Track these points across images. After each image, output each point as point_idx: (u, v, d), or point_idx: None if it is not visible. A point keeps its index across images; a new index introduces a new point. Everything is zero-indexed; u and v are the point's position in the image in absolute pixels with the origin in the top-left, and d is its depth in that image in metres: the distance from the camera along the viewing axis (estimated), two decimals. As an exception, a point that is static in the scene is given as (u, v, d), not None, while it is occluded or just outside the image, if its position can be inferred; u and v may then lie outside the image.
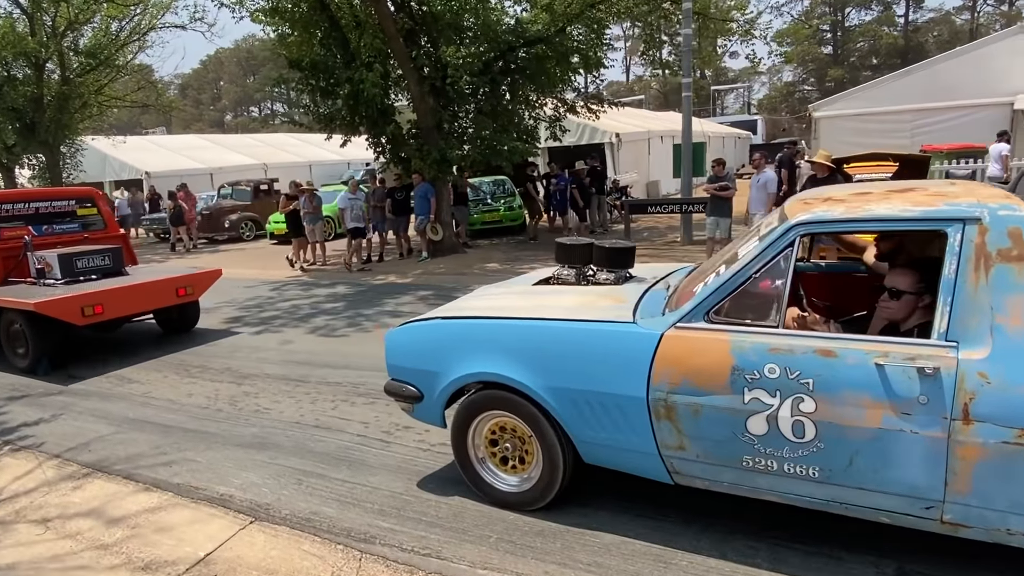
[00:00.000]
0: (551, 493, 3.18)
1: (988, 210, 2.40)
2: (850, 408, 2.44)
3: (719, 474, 2.80)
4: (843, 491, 2.57)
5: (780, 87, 53.76)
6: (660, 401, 2.77)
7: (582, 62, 13.61)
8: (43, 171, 20.09)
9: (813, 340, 2.56)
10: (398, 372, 3.55)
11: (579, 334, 3.01)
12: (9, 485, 4.01)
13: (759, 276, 2.72)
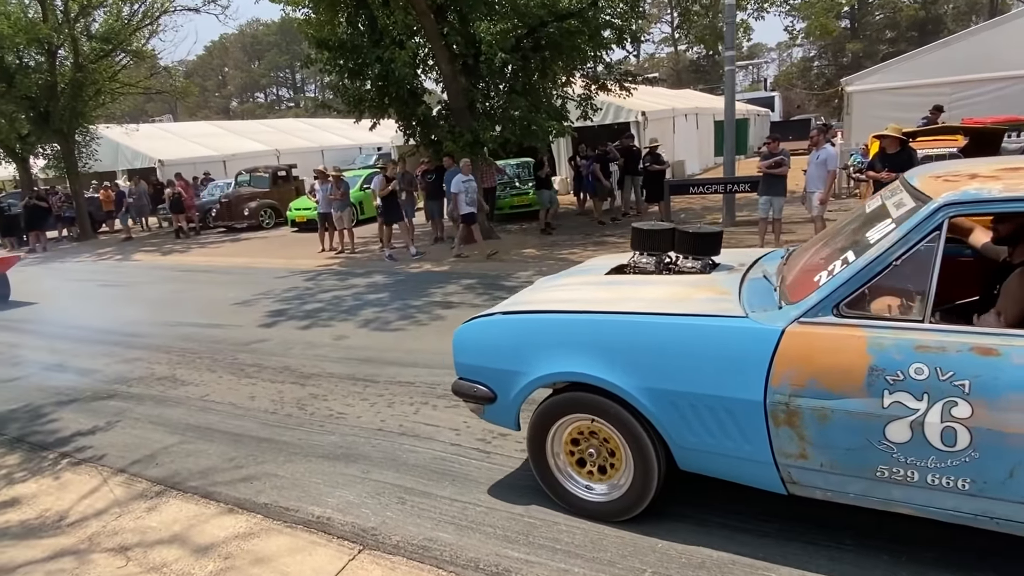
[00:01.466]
0: (644, 502, 2.92)
1: None
2: (1016, 413, 2.14)
3: (846, 485, 2.52)
4: (998, 505, 2.28)
5: (797, 63, 52.64)
6: (780, 405, 2.49)
7: (615, 36, 13.05)
8: (58, 160, 19.69)
9: (970, 336, 2.26)
10: (468, 371, 3.29)
11: (682, 330, 2.72)
12: (76, 506, 3.65)
13: (900, 264, 2.39)
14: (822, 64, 50.34)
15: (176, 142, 26.51)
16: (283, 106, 73.51)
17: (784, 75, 52.54)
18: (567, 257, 10.09)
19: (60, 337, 7.55)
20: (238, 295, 9.18)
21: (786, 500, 2.74)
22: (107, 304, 9.36)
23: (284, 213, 17.61)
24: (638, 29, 13.03)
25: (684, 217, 13.46)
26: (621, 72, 13.83)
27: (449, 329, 6.48)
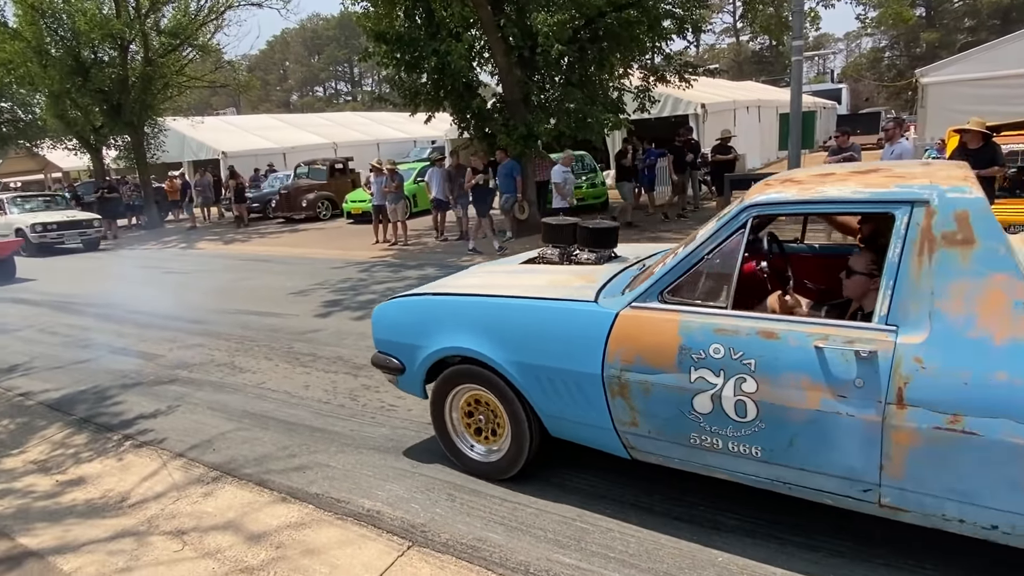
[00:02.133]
0: (518, 464, 3.31)
1: (938, 192, 2.33)
2: (790, 390, 2.44)
3: (670, 450, 2.86)
4: (786, 471, 2.58)
5: (867, 53, 50.36)
6: (614, 378, 2.84)
7: (675, 26, 12.69)
8: (128, 151, 20.57)
9: (757, 321, 2.57)
10: (383, 345, 3.73)
11: (541, 312, 3.12)
12: (137, 487, 3.75)
13: (712, 257, 2.73)
14: (894, 55, 48.02)
15: (238, 134, 27.35)
16: (341, 100, 75.03)
17: (852, 66, 50.37)
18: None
19: (127, 322, 7.85)
20: (295, 285, 9.37)
21: (860, 517, 2.56)
22: (171, 291, 9.70)
23: (340, 205, 17.93)
24: (699, 18, 12.63)
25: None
26: (681, 63, 13.45)
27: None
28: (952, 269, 2.24)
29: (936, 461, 2.24)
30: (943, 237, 2.27)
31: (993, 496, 2.18)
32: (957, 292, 2.23)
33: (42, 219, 15.51)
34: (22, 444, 4.55)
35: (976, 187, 2.36)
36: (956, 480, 2.22)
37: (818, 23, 15.32)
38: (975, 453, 2.16)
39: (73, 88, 18.07)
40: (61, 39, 17.65)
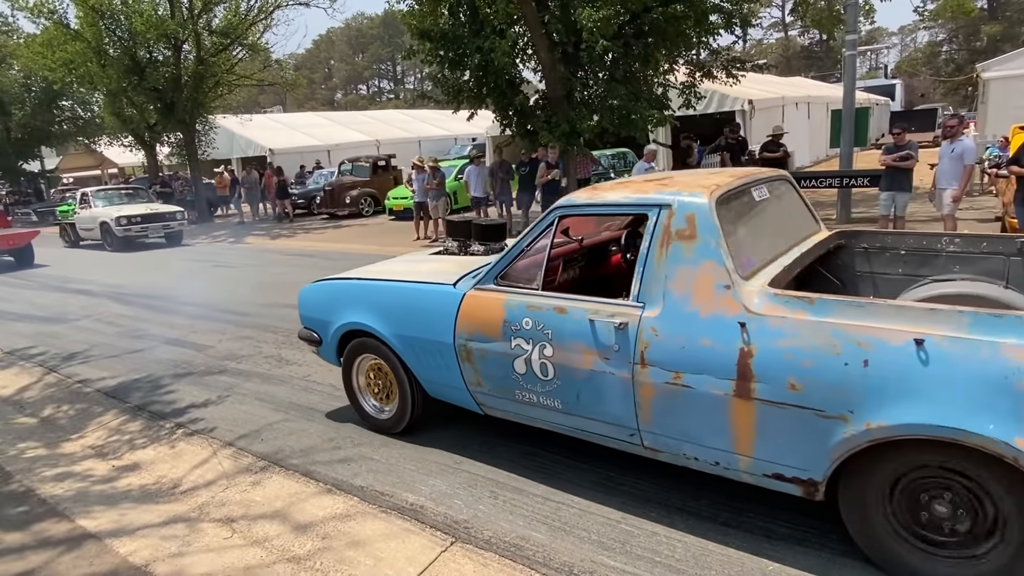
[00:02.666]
0: (404, 421, 3.99)
1: (678, 198, 2.86)
2: (574, 354, 3.02)
3: (505, 405, 3.47)
4: (578, 420, 3.17)
5: (923, 47, 48.49)
6: (462, 346, 3.46)
7: (723, 21, 12.43)
8: (180, 148, 21.23)
9: (553, 300, 3.16)
10: (306, 321, 4.40)
11: (414, 293, 3.78)
12: (188, 475, 3.85)
13: (529, 249, 3.35)
14: (952, 49, 46.14)
15: (285, 132, 27.97)
16: (384, 97, 75.97)
17: (907, 61, 48.57)
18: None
19: (178, 313, 8.09)
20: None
21: (921, 531, 2.44)
22: (220, 284, 9.96)
23: (383, 201, 18.15)
24: (748, 13, 12.35)
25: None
26: (728, 58, 13.17)
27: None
28: (680, 258, 2.79)
29: (669, 409, 2.80)
30: (676, 233, 2.82)
31: (707, 437, 2.73)
32: (681, 276, 2.77)
33: (126, 212, 15.15)
34: (81, 429, 4.72)
35: (711, 193, 2.81)
36: (684, 424, 2.78)
37: (872, 16, 14.78)
38: (692, 402, 2.71)
39: (129, 87, 18.74)
40: (119, 39, 18.31)
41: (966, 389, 2.16)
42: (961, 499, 2.31)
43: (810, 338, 2.44)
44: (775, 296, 2.59)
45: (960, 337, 2.21)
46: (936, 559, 2.38)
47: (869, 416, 2.30)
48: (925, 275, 3.59)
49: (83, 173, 38.29)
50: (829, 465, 2.44)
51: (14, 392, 5.69)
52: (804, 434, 2.47)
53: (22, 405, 5.36)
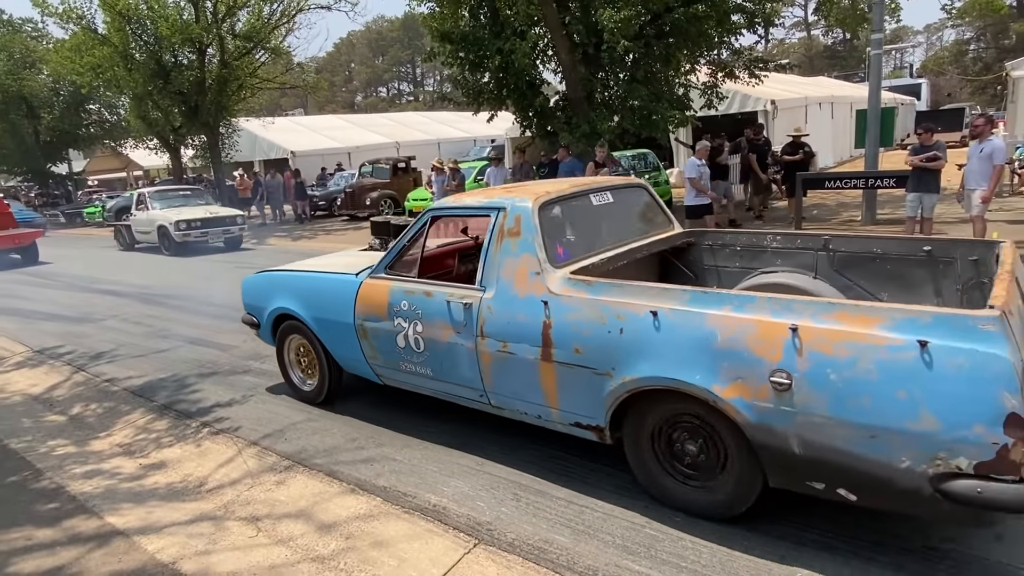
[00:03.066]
0: (323, 392, 4.68)
1: (511, 203, 3.50)
2: (437, 329, 3.66)
3: (395, 375, 4.13)
4: (445, 385, 3.80)
5: (949, 46, 47.59)
6: (360, 326, 4.12)
7: (746, 21, 12.31)
8: (204, 151, 21.53)
9: (423, 285, 3.81)
10: (247, 307, 5.14)
11: (326, 282, 4.47)
12: (214, 473, 3.89)
13: (410, 244, 4.03)
14: (980, 47, 45.21)
15: (306, 134, 28.22)
16: (403, 100, 76.39)
17: (933, 60, 47.71)
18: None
19: (203, 314, 8.19)
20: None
21: (951, 539, 2.40)
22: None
23: (403, 203, 18.24)
24: (771, 12, 12.21)
25: (816, 213, 12.53)
26: (750, 58, 13.04)
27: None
28: (508, 251, 3.43)
29: (502, 372, 3.41)
30: (507, 231, 3.46)
31: (528, 394, 3.35)
32: (509, 265, 3.40)
33: (186, 216, 14.37)
34: (109, 428, 4.80)
35: (536, 199, 3.46)
36: (513, 385, 3.40)
37: (898, 15, 14.53)
38: (516, 366, 3.33)
39: (155, 90, 19.06)
40: (145, 44, 18.64)
41: (683, 349, 2.76)
42: (702, 439, 2.91)
43: (587, 312, 3.07)
44: (569, 280, 3.22)
45: (681, 309, 2.80)
46: (689, 487, 3.01)
47: (624, 372, 2.92)
48: (756, 268, 4.20)
49: (109, 175, 39.01)
50: (605, 413, 3.06)
51: (44, 390, 5.80)
52: (587, 388, 3.09)
53: (52, 403, 5.46)
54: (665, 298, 2.87)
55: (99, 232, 22.96)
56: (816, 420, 2.47)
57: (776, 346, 2.52)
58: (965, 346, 2.22)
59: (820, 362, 2.44)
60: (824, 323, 2.47)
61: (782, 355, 2.51)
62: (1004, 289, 2.47)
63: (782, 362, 2.50)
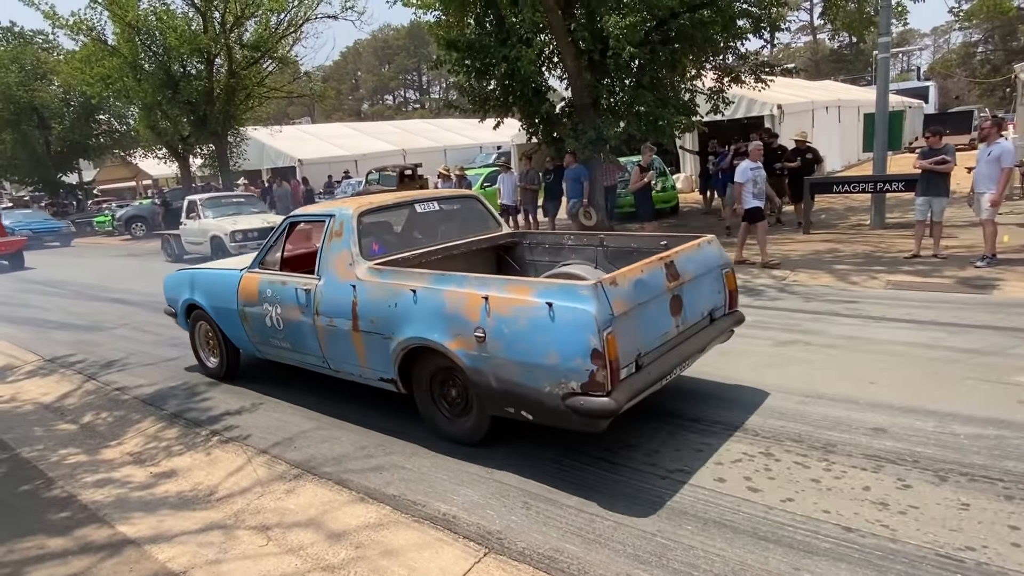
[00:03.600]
0: (223, 369, 5.76)
1: (339, 210, 4.59)
2: (290, 311, 4.71)
3: (268, 350, 5.19)
4: (300, 355, 4.87)
5: (956, 48, 47.39)
6: (241, 311, 5.17)
7: (751, 25, 12.30)
8: (212, 160, 21.68)
9: (281, 276, 4.87)
10: (167, 301, 6.25)
11: (218, 276, 5.58)
12: (224, 482, 3.90)
13: (273, 244, 5.08)
14: (987, 49, 45.02)
15: (313, 143, 28.38)
16: (409, 107, 76.73)
17: (941, 62, 47.52)
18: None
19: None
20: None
21: (973, 547, 2.37)
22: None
23: (409, 210, 18.27)
24: (777, 17, 12.18)
25: (824, 218, 12.49)
26: (756, 63, 13.02)
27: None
28: (335, 247, 4.45)
29: (332, 342, 4.44)
30: (334, 232, 4.49)
31: (350, 358, 4.38)
32: (334, 258, 4.42)
33: (241, 226, 13.33)
34: (119, 436, 4.83)
35: (357, 207, 4.53)
36: (340, 352, 4.43)
37: (905, 18, 14.48)
38: (339, 336, 4.35)
39: (164, 100, 19.23)
40: (154, 54, 18.82)
41: (429, 316, 3.78)
42: (456, 384, 3.91)
43: (378, 292, 4.09)
44: (370, 269, 4.23)
45: (428, 287, 3.81)
46: (451, 421, 4.04)
47: (399, 335, 3.94)
48: (559, 261, 5.21)
49: (119, 184, 39.31)
50: (393, 368, 4.07)
51: (55, 399, 5.84)
52: (382, 350, 4.10)
53: (63, 412, 5.50)
54: (420, 280, 3.90)
55: (109, 241, 23.14)
56: (500, 362, 3.47)
57: (477, 310, 3.53)
58: (571, 305, 3.23)
59: (499, 320, 3.45)
60: (503, 293, 3.49)
61: (480, 316, 3.52)
62: (628, 270, 3.56)
63: (480, 321, 3.52)
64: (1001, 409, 3.89)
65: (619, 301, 3.32)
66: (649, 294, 3.57)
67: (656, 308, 3.65)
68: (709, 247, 4.35)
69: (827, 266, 8.19)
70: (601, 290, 3.24)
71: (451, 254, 4.91)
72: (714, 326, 4.24)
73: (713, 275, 4.26)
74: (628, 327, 3.36)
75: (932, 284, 7.08)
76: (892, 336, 5.44)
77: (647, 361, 3.51)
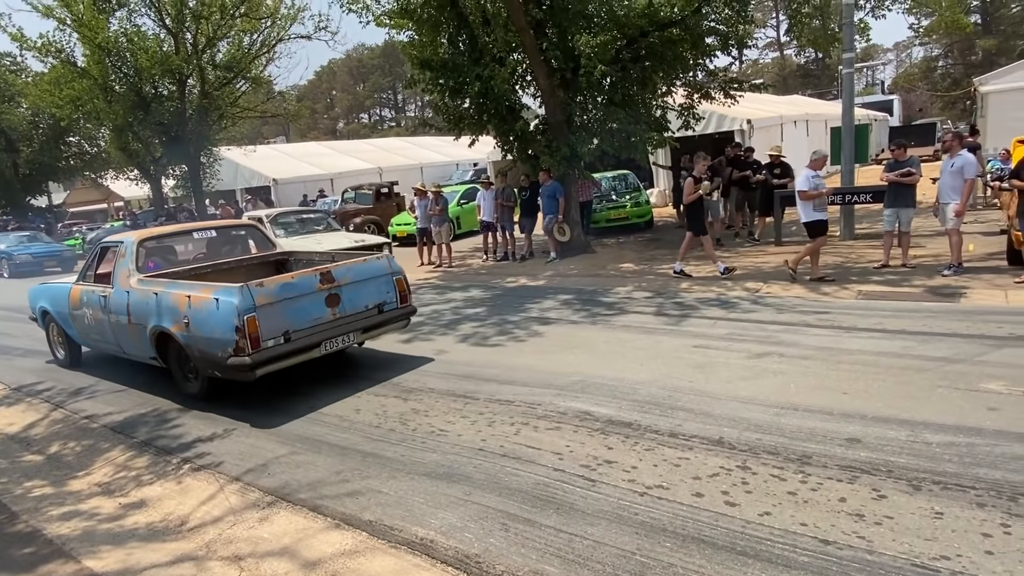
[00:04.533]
0: (69, 360, 7.56)
1: (127, 239, 6.34)
2: (95, 312, 6.40)
3: (91, 343, 7.03)
4: (107, 345, 6.61)
5: (919, 63, 48.84)
6: (72, 313, 6.90)
7: (720, 43, 12.57)
8: (185, 180, 21.43)
9: (90, 286, 6.58)
10: (31, 308, 7.91)
11: (57, 288, 7.35)
12: (195, 511, 3.81)
13: (90, 263, 6.74)
14: (948, 63, 46.48)
15: (288, 162, 28.19)
16: (385, 125, 76.74)
17: (904, 76, 48.91)
18: (667, 272, 9.74)
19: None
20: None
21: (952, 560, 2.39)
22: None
23: (386, 228, 18.22)
24: (744, 34, 12.45)
25: (795, 230, 12.69)
26: (725, 79, 13.28)
27: (547, 346, 6.38)
28: (121, 265, 6.12)
29: (120, 334, 6.16)
30: (122, 254, 6.18)
31: (131, 345, 6.14)
32: (120, 272, 6.09)
33: (328, 246, 11.27)
34: (87, 466, 4.69)
35: (138, 236, 6.34)
36: (125, 340, 6.18)
37: (867, 34, 14.88)
38: (123, 329, 6.07)
39: (135, 121, 19.01)
40: (124, 76, 18.62)
41: (163, 309, 5.53)
42: (188, 358, 5.56)
43: (141, 295, 5.81)
44: (140, 280, 5.92)
45: (163, 291, 5.57)
46: (189, 383, 5.79)
47: (150, 325, 5.68)
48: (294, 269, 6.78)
49: (90, 207, 38.62)
50: (152, 348, 5.83)
51: (21, 429, 5.67)
52: (144, 337, 5.83)
53: (29, 442, 5.34)
54: (159, 287, 5.68)
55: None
56: (197, 338, 5.26)
57: (184, 303, 5.34)
58: (225, 299, 5.05)
59: (195, 310, 5.26)
60: (198, 293, 5.31)
61: (186, 308, 5.31)
62: (279, 277, 5.59)
63: (186, 312, 5.30)
64: (971, 417, 3.95)
65: (263, 296, 5.08)
66: (298, 292, 5.34)
67: (309, 301, 5.39)
68: (376, 262, 6.16)
69: (799, 277, 8.31)
70: (246, 289, 5.01)
71: (222, 269, 6.66)
72: (383, 316, 5.98)
73: (381, 280, 6.02)
74: (273, 313, 5.13)
75: (902, 294, 7.21)
76: (864, 346, 5.52)
77: (296, 336, 5.27)
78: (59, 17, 18.04)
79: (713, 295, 8.01)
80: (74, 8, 17.64)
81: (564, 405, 4.76)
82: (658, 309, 7.57)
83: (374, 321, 5.88)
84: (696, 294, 8.16)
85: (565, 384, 5.20)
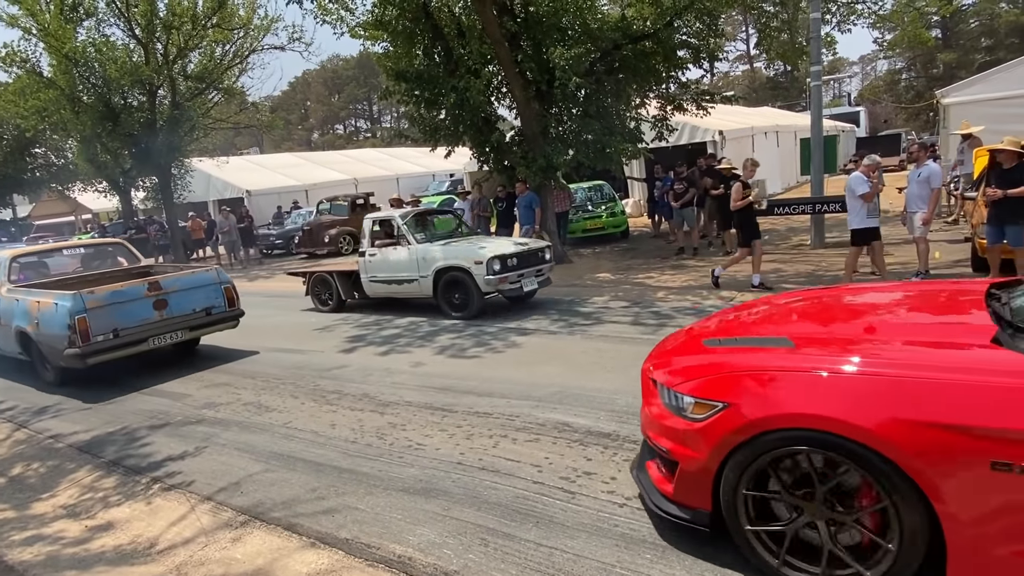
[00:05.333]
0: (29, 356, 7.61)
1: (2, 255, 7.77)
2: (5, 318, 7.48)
3: None
4: None
5: (883, 76, 50.19)
6: None
7: (691, 56, 12.78)
8: (155, 192, 21.04)
9: (27, 293, 7.01)
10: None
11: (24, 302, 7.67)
12: (165, 533, 3.70)
13: None
14: (911, 76, 47.84)
15: (262, 173, 27.87)
16: (361, 136, 76.44)
17: (869, 89, 50.20)
18: (643, 281, 9.81)
19: (154, 361, 7.88)
20: (319, 320, 9.42)
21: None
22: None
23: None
24: (714, 47, 12.70)
25: (767, 238, 12.88)
26: (697, 91, 13.49)
27: (525, 357, 6.36)
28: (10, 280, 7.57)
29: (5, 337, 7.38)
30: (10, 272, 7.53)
31: (11, 346, 7.36)
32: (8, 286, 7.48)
33: (496, 251, 8.49)
34: (52, 488, 4.54)
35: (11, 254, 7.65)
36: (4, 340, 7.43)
37: (834, 47, 15.29)
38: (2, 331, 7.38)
39: (104, 132, 18.62)
40: (93, 86, 18.24)
41: (22, 313, 6.94)
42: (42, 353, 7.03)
43: (7, 303, 7.10)
44: (9, 289, 7.14)
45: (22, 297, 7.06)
46: (48, 373, 7.12)
47: (15, 325, 7.07)
48: None
49: (56, 219, 37.74)
50: (17, 345, 7.19)
51: (-19, 451, 5.48)
52: (11, 335, 7.16)
53: (-11, 465, 5.15)
54: (20, 294, 6.94)
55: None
56: (45, 336, 6.58)
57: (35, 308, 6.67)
58: (62, 303, 6.34)
59: (42, 313, 6.55)
60: (43, 298, 6.59)
61: (36, 312, 6.60)
62: (109, 285, 6.75)
63: (35, 314, 6.57)
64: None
65: (93, 301, 6.34)
66: (127, 298, 6.60)
67: (138, 305, 6.66)
68: (205, 273, 7.44)
69: (773, 285, 8.42)
70: (78, 296, 6.28)
71: (89, 279, 7.53)
72: (211, 317, 7.28)
73: (209, 288, 7.29)
74: (103, 315, 6.39)
75: (871, 301, 7.33)
76: (836, 353, 5.59)
77: (125, 334, 6.53)
78: (24, 27, 17.66)
79: (688, 304, 8.08)
80: (40, 18, 17.28)
81: (543, 417, 4.74)
82: (635, 319, 7.61)
83: (201, 322, 7.21)
84: (672, 303, 8.22)
85: (543, 395, 5.19)
